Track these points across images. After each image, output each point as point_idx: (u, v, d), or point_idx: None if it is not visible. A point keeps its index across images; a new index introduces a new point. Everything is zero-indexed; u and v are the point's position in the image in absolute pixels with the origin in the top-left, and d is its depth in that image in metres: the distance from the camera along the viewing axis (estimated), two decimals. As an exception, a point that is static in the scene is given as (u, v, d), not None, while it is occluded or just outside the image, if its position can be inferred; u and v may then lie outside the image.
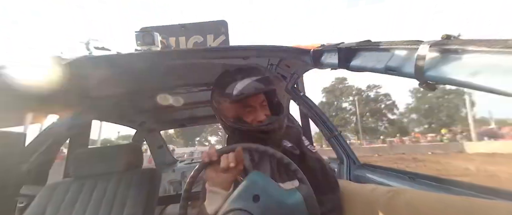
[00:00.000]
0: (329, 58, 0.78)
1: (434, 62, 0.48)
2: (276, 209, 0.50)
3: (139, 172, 1.39)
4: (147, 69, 1.10)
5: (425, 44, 0.49)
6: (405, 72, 0.53)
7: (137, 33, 1.04)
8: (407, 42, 0.54)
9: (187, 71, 1.27)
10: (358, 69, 0.67)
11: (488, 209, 0.50)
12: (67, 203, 1.23)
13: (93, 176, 1.35)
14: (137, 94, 1.54)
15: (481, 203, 0.53)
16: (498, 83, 0.38)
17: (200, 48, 1.20)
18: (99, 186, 1.31)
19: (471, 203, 0.54)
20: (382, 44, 0.61)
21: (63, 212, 1.19)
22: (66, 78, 0.98)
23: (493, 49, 0.40)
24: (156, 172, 1.46)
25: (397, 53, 0.56)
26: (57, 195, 1.25)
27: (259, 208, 0.50)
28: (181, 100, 1.91)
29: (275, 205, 0.50)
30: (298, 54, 0.94)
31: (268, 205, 0.50)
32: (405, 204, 0.65)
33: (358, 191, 0.86)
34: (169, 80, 1.35)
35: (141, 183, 1.32)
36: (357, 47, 0.67)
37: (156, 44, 1.03)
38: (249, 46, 0.92)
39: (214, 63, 1.18)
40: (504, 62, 0.39)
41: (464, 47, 0.44)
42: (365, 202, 0.78)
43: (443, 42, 0.47)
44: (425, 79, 0.49)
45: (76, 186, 1.30)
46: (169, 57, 0.98)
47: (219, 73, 1.34)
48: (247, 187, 0.53)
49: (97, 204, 1.24)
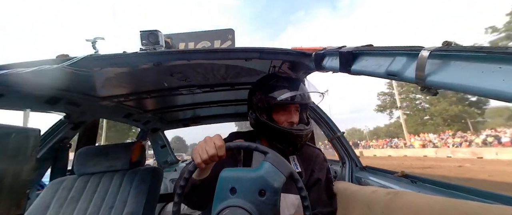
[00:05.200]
0: (331, 61, 0.79)
1: (434, 68, 0.48)
2: (253, 188, 0.54)
3: (142, 170, 1.42)
4: (151, 69, 1.11)
5: (425, 50, 0.49)
6: (406, 77, 0.54)
7: (142, 32, 1.06)
8: (408, 47, 0.55)
9: (191, 72, 1.28)
10: (359, 73, 0.67)
11: (486, 212, 0.50)
12: (71, 199, 1.26)
13: (97, 173, 1.38)
14: (141, 93, 1.56)
15: (479, 206, 0.53)
16: (498, 89, 0.39)
17: (204, 49, 1.21)
18: (102, 183, 1.34)
19: (470, 206, 0.54)
20: (383, 49, 0.61)
21: (66, 208, 1.22)
22: (73, 77, 1.01)
23: (493, 55, 0.41)
24: (158, 170, 1.48)
25: (398, 58, 0.56)
26: (61, 191, 1.28)
27: (238, 197, 0.54)
28: (185, 101, 1.93)
29: (250, 185, 0.55)
30: (299, 57, 0.95)
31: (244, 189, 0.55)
32: (404, 206, 0.66)
33: (359, 193, 0.87)
34: (173, 81, 1.37)
35: (143, 180, 1.35)
36: (359, 51, 0.68)
37: (160, 43, 1.05)
38: (252, 48, 0.93)
39: (217, 64, 1.20)
40: (504, 68, 0.39)
41: (464, 53, 0.44)
42: (365, 204, 0.79)
43: (444, 48, 0.48)
44: (425, 84, 0.50)
45: (80, 182, 1.33)
46: (174, 58, 0.99)
47: (221, 74, 1.35)
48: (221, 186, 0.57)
49: (99, 200, 1.26)
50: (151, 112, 2.13)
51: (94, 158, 1.40)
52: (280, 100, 0.87)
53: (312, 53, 0.88)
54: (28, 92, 1.15)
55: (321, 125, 1.52)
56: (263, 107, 0.92)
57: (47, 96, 1.27)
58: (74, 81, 1.15)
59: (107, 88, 1.40)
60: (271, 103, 0.89)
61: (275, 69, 1.25)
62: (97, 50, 1.14)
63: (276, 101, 0.88)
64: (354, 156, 1.44)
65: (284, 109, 0.91)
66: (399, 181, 1.06)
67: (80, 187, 1.31)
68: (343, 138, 1.47)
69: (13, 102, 1.19)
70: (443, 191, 0.85)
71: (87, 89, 1.36)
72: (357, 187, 0.95)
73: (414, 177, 1.02)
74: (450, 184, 0.85)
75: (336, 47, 0.77)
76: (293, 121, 0.90)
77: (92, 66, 0.94)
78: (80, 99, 1.42)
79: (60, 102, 1.35)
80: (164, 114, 2.30)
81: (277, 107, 0.91)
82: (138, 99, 1.66)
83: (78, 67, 0.89)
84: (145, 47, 1.05)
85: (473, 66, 0.43)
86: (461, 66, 0.45)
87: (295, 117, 0.91)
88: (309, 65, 0.94)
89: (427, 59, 0.48)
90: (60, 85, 1.21)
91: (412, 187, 0.97)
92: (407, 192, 0.78)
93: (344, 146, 1.46)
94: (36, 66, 0.84)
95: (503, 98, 0.38)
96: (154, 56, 0.96)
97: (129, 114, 1.95)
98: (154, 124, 2.54)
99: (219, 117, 2.67)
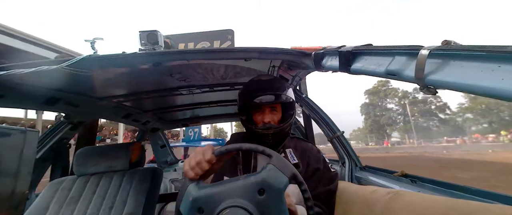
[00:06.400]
0: (330, 61, 0.79)
1: (434, 67, 0.48)
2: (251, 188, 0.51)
3: (141, 170, 1.42)
4: (151, 70, 1.11)
5: (425, 49, 0.49)
6: (406, 76, 0.54)
7: (141, 32, 1.05)
8: (408, 47, 0.55)
9: (191, 72, 1.28)
10: (359, 72, 0.67)
11: (486, 212, 0.50)
12: (70, 199, 1.25)
13: (96, 174, 1.37)
14: (141, 94, 1.56)
15: (479, 206, 0.53)
16: (497, 88, 0.39)
17: (203, 49, 1.21)
18: (102, 184, 1.33)
19: (470, 205, 0.54)
20: (382, 48, 0.61)
21: (66, 208, 1.22)
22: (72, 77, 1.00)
23: (492, 54, 0.41)
24: (158, 170, 1.48)
25: (398, 57, 0.56)
26: (61, 192, 1.28)
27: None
28: (184, 101, 1.93)
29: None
30: (299, 56, 0.94)
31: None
32: (404, 205, 0.66)
33: (358, 192, 0.87)
34: (173, 81, 1.37)
35: (143, 181, 1.34)
36: (358, 51, 0.68)
37: (159, 43, 1.05)
38: (251, 48, 0.93)
39: (217, 64, 1.19)
40: (503, 67, 0.39)
41: (464, 52, 0.44)
42: (365, 203, 0.79)
43: (443, 47, 0.47)
44: (425, 83, 0.49)
45: (80, 183, 1.32)
46: (173, 58, 0.99)
47: (220, 74, 1.35)
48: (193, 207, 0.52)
49: (99, 201, 1.26)
50: (150, 112, 2.13)
51: (94, 159, 1.40)
52: (244, 103, 0.95)
53: (312, 53, 0.88)
54: (27, 92, 1.15)
55: (321, 124, 1.52)
56: (240, 109, 1.00)
57: (47, 97, 1.27)
58: (74, 81, 1.14)
59: (107, 89, 1.40)
60: (242, 105, 0.98)
61: (275, 69, 1.25)
62: (96, 51, 1.14)
63: (241, 103, 0.98)
64: (354, 155, 1.44)
65: (257, 109, 0.95)
66: (399, 181, 1.06)
67: (80, 188, 1.31)
68: (343, 137, 1.47)
69: (13, 102, 1.19)
70: (443, 190, 0.84)
71: (87, 90, 1.36)
72: (356, 186, 0.95)
73: (414, 176, 1.02)
74: (450, 184, 0.85)
75: (336, 47, 0.77)
76: (264, 121, 0.92)
77: (91, 67, 0.94)
78: (79, 99, 1.42)
79: (60, 102, 1.34)
80: (164, 114, 2.30)
81: (252, 108, 0.96)
82: (137, 99, 1.66)
83: (78, 68, 0.89)
84: (144, 48, 1.05)
85: (473, 65, 0.43)
86: (461, 65, 0.45)
87: (268, 116, 0.93)
88: (308, 65, 0.94)
89: (427, 58, 0.48)
90: (59, 85, 1.21)
91: (412, 186, 0.97)
92: (407, 191, 0.77)
93: (344, 145, 1.46)
94: (36, 67, 0.84)
95: (502, 97, 0.38)
96: (153, 57, 0.95)
97: (128, 114, 1.95)
98: (154, 124, 2.54)
99: (219, 117, 2.67)
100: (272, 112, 0.94)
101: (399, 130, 40.93)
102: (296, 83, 1.42)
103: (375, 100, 44.95)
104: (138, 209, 1.22)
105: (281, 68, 1.28)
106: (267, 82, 0.98)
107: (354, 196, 0.86)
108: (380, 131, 44.53)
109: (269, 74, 1.06)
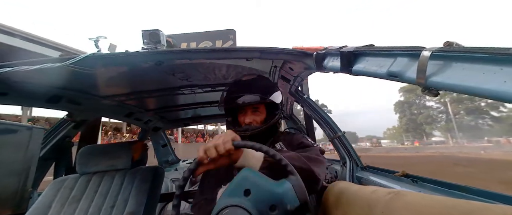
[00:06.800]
0: (332, 61, 0.79)
1: (436, 69, 0.48)
2: (266, 200, 0.52)
3: (143, 169, 1.42)
4: (153, 69, 1.12)
5: (427, 50, 0.49)
6: (407, 78, 0.54)
7: (144, 31, 1.06)
8: (409, 48, 0.55)
9: (193, 71, 1.29)
10: (360, 73, 0.67)
11: (487, 212, 0.50)
12: (73, 198, 1.26)
13: (98, 173, 1.38)
14: (143, 93, 1.56)
15: (480, 206, 0.53)
16: (499, 90, 0.39)
17: (205, 48, 1.21)
18: (104, 182, 1.34)
19: (471, 205, 0.54)
20: (384, 49, 0.61)
21: (68, 207, 1.23)
22: (75, 76, 1.01)
23: (494, 56, 0.41)
24: (160, 169, 1.49)
25: (399, 58, 0.56)
26: (63, 191, 1.28)
27: (249, 201, 0.52)
28: (186, 100, 1.94)
29: (265, 196, 0.52)
30: (301, 57, 0.94)
31: (258, 197, 0.52)
32: (405, 205, 0.66)
33: (359, 192, 0.86)
34: (175, 80, 1.37)
35: (144, 180, 1.35)
36: (360, 52, 0.68)
37: (162, 43, 1.05)
38: (253, 47, 0.93)
39: (219, 64, 1.20)
40: (505, 69, 0.39)
41: (465, 54, 0.45)
42: (365, 203, 0.79)
43: (445, 49, 0.48)
44: (427, 85, 0.50)
45: (82, 182, 1.33)
46: (175, 57, 0.99)
47: (222, 74, 1.35)
48: (238, 183, 0.55)
49: (101, 199, 1.27)
50: (152, 111, 2.14)
51: (96, 157, 1.40)
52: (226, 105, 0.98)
53: (313, 53, 0.88)
54: (31, 90, 1.16)
55: (322, 125, 1.52)
56: (225, 110, 1.03)
57: (50, 95, 1.28)
58: (77, 79, 1.15)
59: (109, 87, 1.41)
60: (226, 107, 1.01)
61: (276, 69, 1.25)
62: (100, 49, 1.14)
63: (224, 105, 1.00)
64: (355, 155, 1.44)
65: (240, 110, 0.97)
66: (399, 181, 1.06)
67: (82, 186, 1.31)
68: (344, 137, 1.47)
69: (17, 100, 1.20)
70: (443, 190, 0.85)
71: (89, 88, 1.36)
72: (357, 186, 0.95)
73: (415, 176, 1.02)
74: (451, 184, 0.85)
75: (337, 47, 0.77)
76: (245, 121, 0.95)
77: (94, 65, 0.95)
78: (82, 97, 1.43)
79: (62, 100, 1.35)
80: (166, 113, 2.31)
81: (235, 109, 0.99)
82: (139, 98, 1.66)
83: (81, 66, 0.89)
84: (147, 47, 1.05)
85: (475, 67, 0.43)
86: (463, 67, 0.45)
87: (249, 117, 0.95)
88: (310, 65, 0.94)
89: (429, 60, 0.48)
90: (62, 83, 1.22)
91: (412, 186, 0.97)
92: (407, 191, 0.77)
93: (345, 145, 1.46)
94: (39, 64, 0.84)
95: (504, 100, 0.38)
96: (156, 55, 0.96)
97: (130, 113, 1.95)
98: (155, 123, 2.55)
99: (221, 117, 2.68)
100: (254, 112, 0.96)
101: (440, 129, 39.16)
102: (298, 84, 1.43)
103: (412, 98, 42.82)
104: (139, 209, 1.23)
105: (282, 68, 1.28)
106: (248, 83, 0.99)
107: (354, 196, 0.86)
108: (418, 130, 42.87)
109: (252, 74, 1.06)
